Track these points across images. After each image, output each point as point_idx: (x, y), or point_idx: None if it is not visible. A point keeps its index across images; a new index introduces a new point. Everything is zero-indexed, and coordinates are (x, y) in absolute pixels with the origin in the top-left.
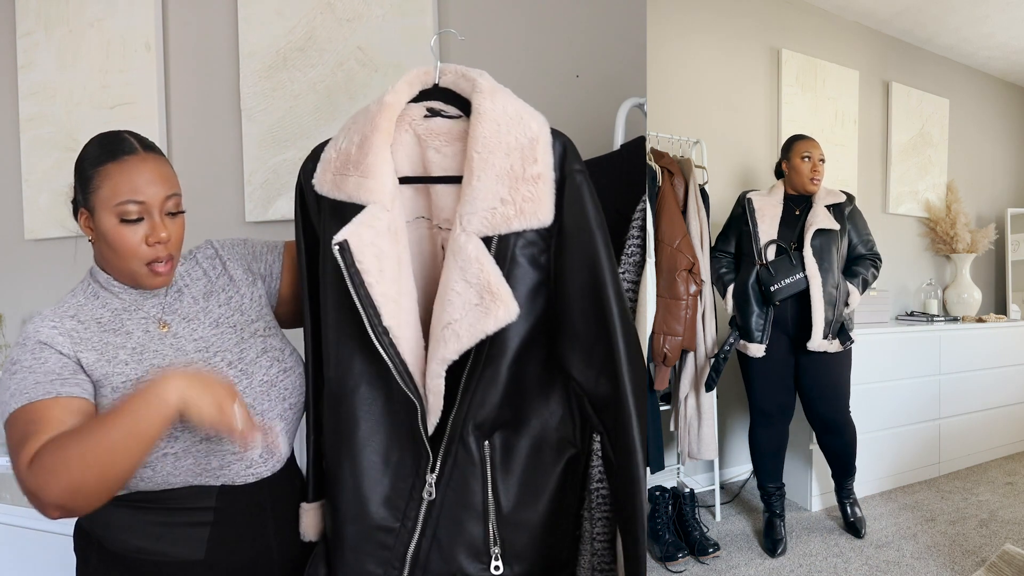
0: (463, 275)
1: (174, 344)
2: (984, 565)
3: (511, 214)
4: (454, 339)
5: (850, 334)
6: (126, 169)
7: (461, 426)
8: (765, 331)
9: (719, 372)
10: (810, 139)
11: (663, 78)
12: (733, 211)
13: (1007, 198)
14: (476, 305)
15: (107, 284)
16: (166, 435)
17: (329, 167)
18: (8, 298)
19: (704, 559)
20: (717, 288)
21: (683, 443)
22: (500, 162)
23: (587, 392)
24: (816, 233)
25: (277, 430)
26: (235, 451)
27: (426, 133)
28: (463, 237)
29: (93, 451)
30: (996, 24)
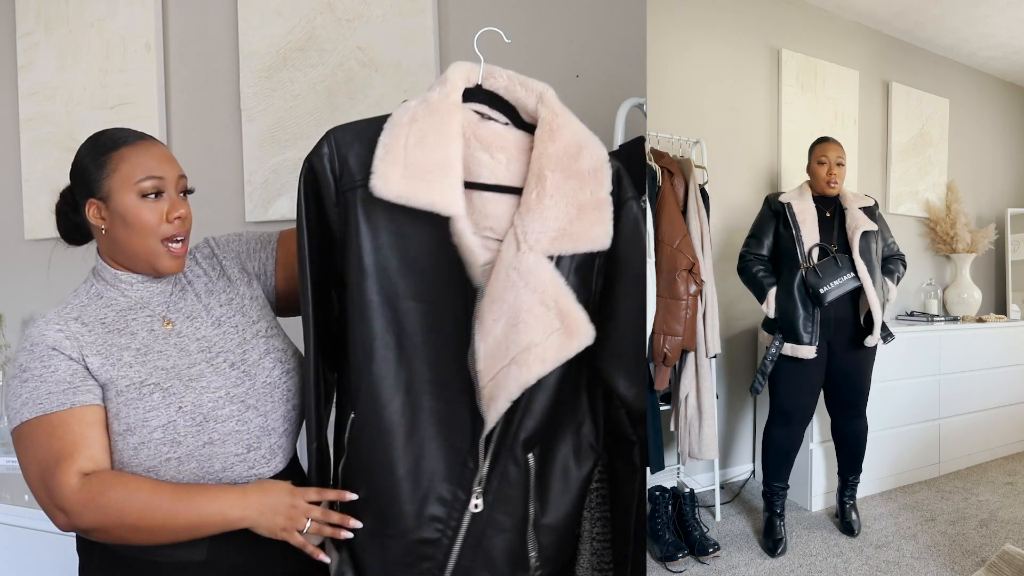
0: (539, 297)
1: (178, 344)
2: (984, 565)
3: (577, 236)
4: (538, 364)
5: (890, 330)
6: (141, 150)
7: (512, 440)
8: (814, 333)
9: (765, 376)
10: (829, 142)
11: (663, 78)
12: (762, 213)
13: (1007, 198)
14: (558, 330)
15: (113, 280)
16: (169, 440)
17: (396, 169)
18: (8, 298)
19: (704, 559)
20: (755, 292)
21: (683, 443)
22: (571, 184)
23: (628, 406)
24: (862, 235)
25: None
26: (238, 453)
27: (485, 137)
28: (532, 257)
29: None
30: (996, 24)
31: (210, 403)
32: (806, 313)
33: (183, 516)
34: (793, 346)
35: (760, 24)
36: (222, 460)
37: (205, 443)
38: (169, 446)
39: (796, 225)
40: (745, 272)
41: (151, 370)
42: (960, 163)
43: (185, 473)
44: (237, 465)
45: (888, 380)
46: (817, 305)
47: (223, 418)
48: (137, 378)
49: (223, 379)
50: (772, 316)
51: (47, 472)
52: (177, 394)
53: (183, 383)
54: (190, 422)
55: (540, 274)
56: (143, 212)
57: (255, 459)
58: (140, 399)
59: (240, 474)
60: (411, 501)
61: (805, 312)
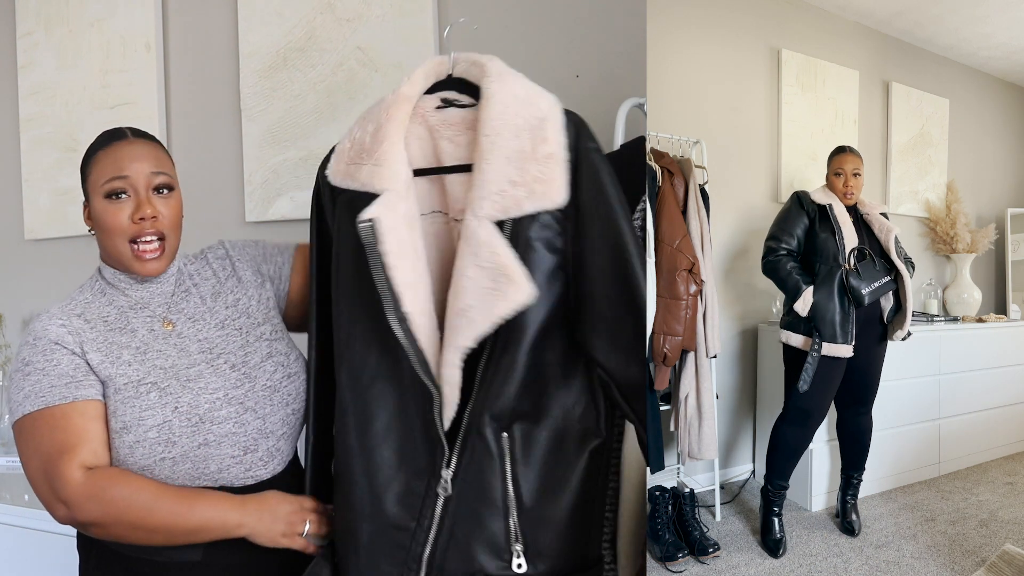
0: (475, 259)
1: (178, 344)
2: (984, 565)
3: (522, 196)
4: (468, 325)
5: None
6: (111, 152)
7: (478, 418)
8: (851, 332)
9: (812, 377)
10: (846, 153)
11: (663, 78)
12: (791, 210)
13: (1007, 198)
14: (490, 289)
15: (113, 280)
16: (164, 440)
17: (343, 157)
18: (8, 298)
19: (704, 559)
20: (785, 287)
21: (683, 443)
22: (509, 143)
23: (615, 377)
24: (895, 238)
25: None
26: (234, 455)
27: (439, 123)
28: (474, 222)
29: (153, 518)
30: (996, 24)
31: (207, 404)
32: (844, 313)
33: (184, 520)
34: (831, 346)
35: (760, 24)
36: (218, 462)
37: (200, 444)
38: (164, 446)
39: (839, 227)
40: (776, 268)
41: (149, 369)
42: (960, 163)
43: (180, 474)
44: (233, 467)
45: (888, 380)
46: (857, 305)
47: (220, 419)
48: (135, 376)
49: (222, 380)
50: (804, 315)
51: (49, 464)
52: (174, 394)
53: (180, 383)
54: (185, 423)
55: (479, 237)
56: (107, 214)
57: (252, 461)
58: (136, 398)
59: (236, 476)
60: (385, 489)
61: (843, 312)
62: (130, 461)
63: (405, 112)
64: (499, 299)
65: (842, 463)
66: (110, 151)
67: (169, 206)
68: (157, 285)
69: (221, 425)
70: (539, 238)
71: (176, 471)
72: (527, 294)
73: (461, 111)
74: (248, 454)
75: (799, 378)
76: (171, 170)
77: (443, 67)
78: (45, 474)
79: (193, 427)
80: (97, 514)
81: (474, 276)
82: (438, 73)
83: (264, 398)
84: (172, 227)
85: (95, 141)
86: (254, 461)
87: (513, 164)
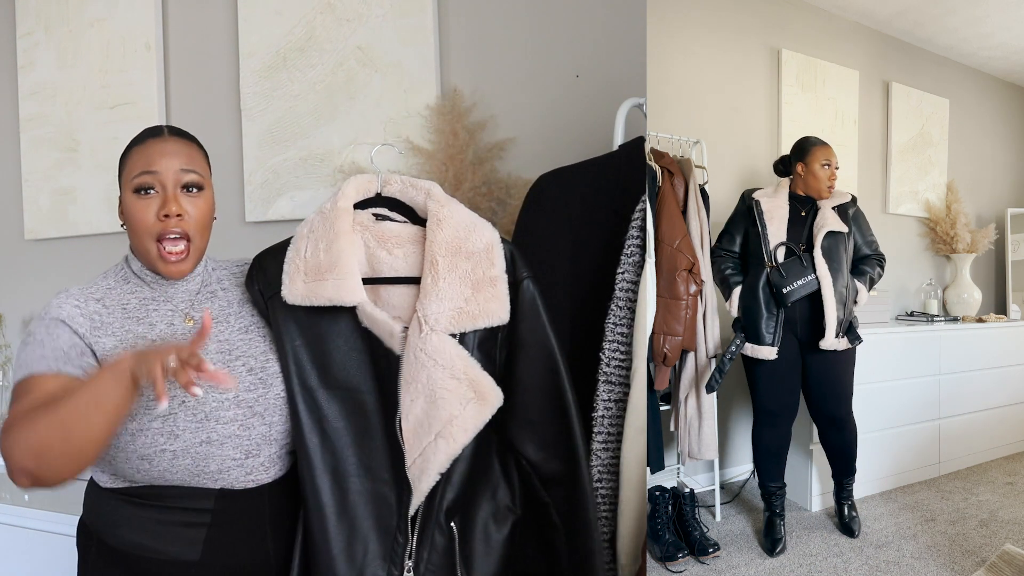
0: (450, 372)
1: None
2: (984, 565)
3: (476, 313)
4: (461, 433)
5: (858, 333)
6: (146, 148)
7: (436, 511)
8: (776, 334)
9: (723, 374)
10: (828, 145)
11: (663, 78)
12: (737, 209)
13: (1007, 198)
14: (473, 399)
15: (139, 272)
16: (167, 431)
17: (298, 276)
18: (8, 298)
19: (704, 559)
20: (721, 289)
21: (683, 443)
22: (463, 265)
23: (537, 470)
24: (826, 235)
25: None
26: (235, 458)
27: (378, 236)
28: (435, 337)
29: (59, 417)
30: (995, 24)
31: (215, 403)
32: (768, 313)
33: (86, 396)
34: (753, 346)
35: (760, 24)
36: (218, 462)
37: (203, 441)
38: (166, 437)
39: (763, 223)
40: (714, 268)
41: None
42: (960, 163)
43: (179, 468)
44: (234, 469)
45: (888, 380)
46: (780, 305)
47: (226, 420)
48: None
49: (235, 382)
50: (735, 315)
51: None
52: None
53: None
54: (191, 418)
55: (447, 351)
56: (135, 209)
57: (253, 465)
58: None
59: (237, 478)
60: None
61: (768, 312)
62: (130, 448)
63: (349, 224)
64: (484, 406)
65: (832, 470)
66: (144, 147)
67: (197, 206)
68: (183, 283)
69: (226, 426)
70: (481, 349)
71: (176, 465)
72: (500, 399)
73: (400, 225)
74: (250, 458)
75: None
76: (203, 169)
77: (372, 185)
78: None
79: (198, 423)
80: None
81: (453, 388)
82: (367, 190)
83: (275, 406)
84: (199, 227)
85: (134, 137)
86: (255, 466)
87: (467, 284)
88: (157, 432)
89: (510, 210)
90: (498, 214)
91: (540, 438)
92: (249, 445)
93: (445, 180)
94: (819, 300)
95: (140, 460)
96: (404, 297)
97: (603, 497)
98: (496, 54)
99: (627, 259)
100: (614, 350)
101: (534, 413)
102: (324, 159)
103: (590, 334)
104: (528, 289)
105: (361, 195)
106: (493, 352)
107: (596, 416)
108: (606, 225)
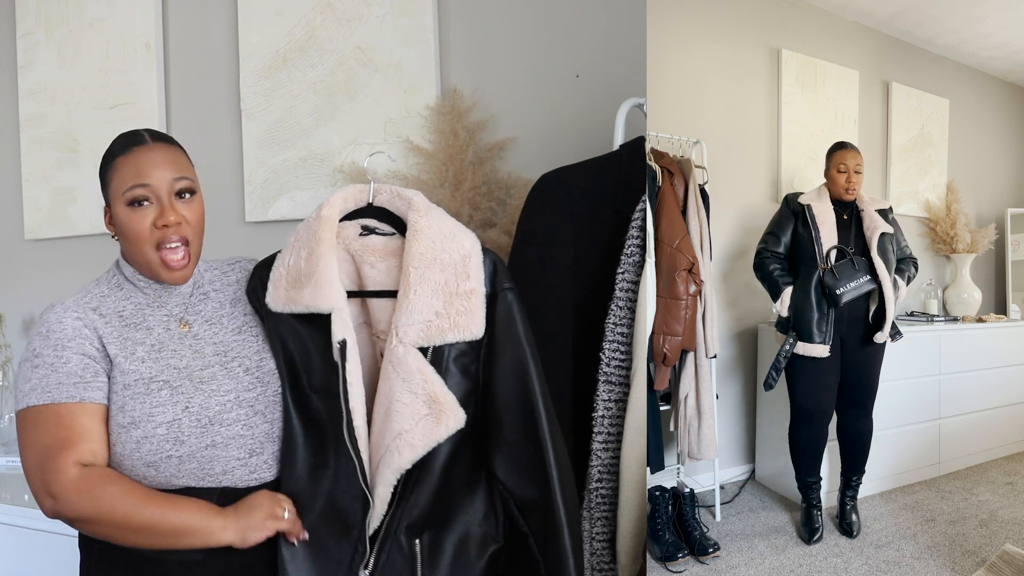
0: (408, 386)
1: (193, 345)
2: (984, 565)
3: (446, 327)
4: (408, 449)
5: (899, 328)
6: (133, 159)
7: (396, 525)
8: (828, 333)
9: (779, 372)
10: (848, 149)
11: (663, 78)
12: (781, 212)
13: (1007, 198)
14: (426, 415)
15: (132, 278)
16: (172, 438)
17: (281, 284)
18: (8, 298)
19: (704, 559)
20: (769, 289)
21: (683, 443)
22: (436, 277)
23: (512, 494)
24: (879, 236)
25: None
26: (239, 458)
27: (361, 250)
28: (401, 349)
29: (139, 517)
30: (995, 24)
31: (217, 406)
32: (820, 313)
33: (170, 518)
34: (806, 345)
35: (760, 24)
36: (223, 463)
37: (208, 445)
38: (172, 444)
39: (816, 227)
40: (761, 269)
41: (163, 367)
42: (960, 163)
43: (184, 472)
44: (238, 469)
45: (888, 380)
46: (833, 305)
47: (229, 422)
48: (148, 373)
49: (235, 383)
50: (785, 315)
51: (46, 457)
52: (185, 394)
53: (193, 384)
54: (195, 423)
55: (408, 363)
56: (132, 222)
57: (257, 464)
58: (148, 394)
59: (240, 478)
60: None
61: (820, 312)
62: (135, 456)
63: (331, 232)
64: (436, 425)
65: (842, 465)
66: (131, 157)
67: (192, 210)
68: (176, 287)
69: (230, 427)
70: (456, 364)
71: (182, 470)
72: (460, 420)
73: (383, 239)
74: (254, 457)
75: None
76: (192, 174)
77: (363, 195)
78: (40, 466)
79: (203, 428)
80: (85, 510)
81: (408, 402)
82: (357, 200)
83: (275, 403)
84: (196, 232)
85: (114, 145)
86: (259, 464)
87: (439, 297)
88: (163, 439)
89: (510, 210)
90: (498, 214)
91: (514, 460)
92: (253, 444)
93: (445, 180)
94: (863, 298)
95: (146, 467)
96: (387, 310)
97: (603, 497)
98: (496, 54)
99: (627, 259)
100: (614, 350)
101: (508, 433)
102: (324, 159)
103: (590, 334)
104: (505, 301)
105: (352, 205)
106: (472, 368)
107: (596, 416)
108: (606, 225)
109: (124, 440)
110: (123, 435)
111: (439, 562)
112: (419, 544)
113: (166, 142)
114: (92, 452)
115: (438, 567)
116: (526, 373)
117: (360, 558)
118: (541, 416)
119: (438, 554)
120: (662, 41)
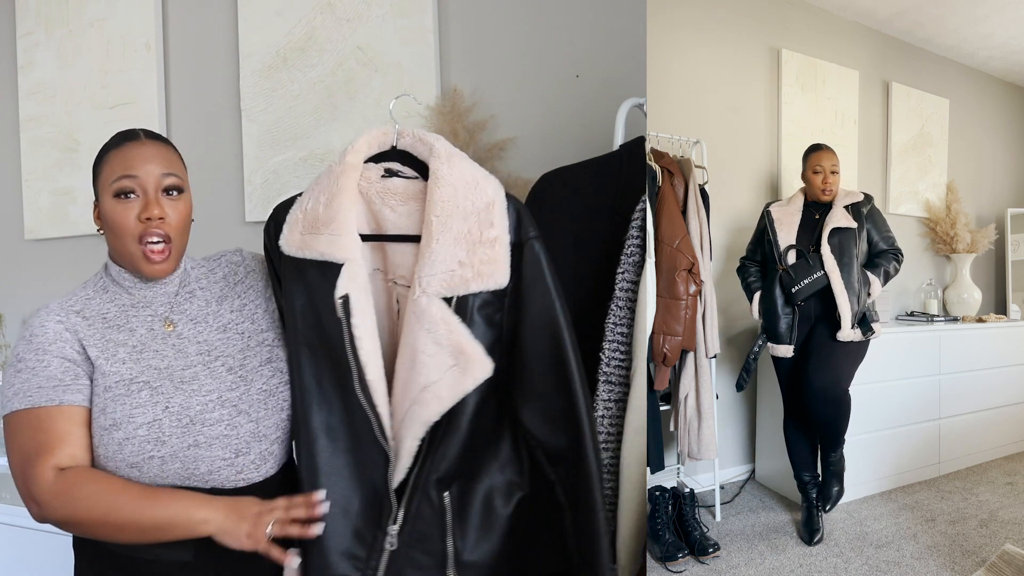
0: (432, 337)
1: (176, 345)
2: (984, 565)
3: (469, 276)
4: (435, 401)
5: (871, 325)
6: (124, 152)
7: (425, 479)
8: (792, 332)
9: (749, 373)
10: (823, 150)
11: (663, 78)
12: (758, 222)
13: (1007, 198)
14: (453, 366)
15: (118, 277)
16: (153, 438)
17: (296, 227)
18: (8, 298)
19: (704, 559)
20: (747, 297)
21: (683, 443)
22: (458, 226)
23: (542, 444)
24: (832, 232)
25: None
26: (225, 458)
27: (382, 192)
28: (424, 299)
29: (118, 514)
30: (995, 24)
31: (199, 406)
32: (783, 314)
33: (149, 513)
34: (773, 345)
35: (760, 24)
36: (208, 463)
37: (191, 445)
38: (153, 444)
39: (773, 230)
40: (740, 277)
41: (143, 368)
42: (960, 163)
43: (169, 473)
44: (224, 469)
45: (888, 380)
46: (791, 304)
47: (211, 421)
48: (128, 375)
49: (217, 382)
50: (756, 318)
51: (27, 463)
52: (165, 394)
53: (174, 384)
54: (176, 423)
55: (432, 314)
56: (116, 213)
57: (243, 464)
58: (128, 395)
59: (227, 478)
60: (335, 539)
61: (782, 312)
62: (119, 458)
63: (354, 180)
64: (463, 376)
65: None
66: (122, 151)
67: (177, 209)
68: (161, 285)
69: (213, 427)
70: (481, 314)
71: (165, 470)
72: (487, 370)
73: (405, 182)
74: (240, 456)
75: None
76: (182, 172)
77: (387, 138)
78: (22, 473)
79: (184, 428)
80: (66, 513)
81: (434, 353)
82: (381, 144)
83: (259, 401)
84: (179, 230)
85: (108, 141)
86: (246, 464)
87: (462, 246)
88: (144, 440)
89: None
90: None
91: (544, 411)
92: (238, 444)
93: None
94: (833, 296)
95: (130, 468)
96: (408, 256)
97: (603, 497)
98: (496, 54)
99: (627, 259)
100: (614, 350)
101: (538, 384)
102: (324, 159)
103: (590, 334)
104: (532, 250)
105: (375, 148)
106: (497, 317)
107: (596, 416)
108: (606, 225)
109: (107, 442)
110: (106, 437)
111: (468, 513)
112: (448, 497)
113: (159, 140)
114: (71, 456)
115: (467, 518)
116: (555, 323)
117: (388, 514)
118: (572, 367)
119: (467, 506)
120: (662, 41)
